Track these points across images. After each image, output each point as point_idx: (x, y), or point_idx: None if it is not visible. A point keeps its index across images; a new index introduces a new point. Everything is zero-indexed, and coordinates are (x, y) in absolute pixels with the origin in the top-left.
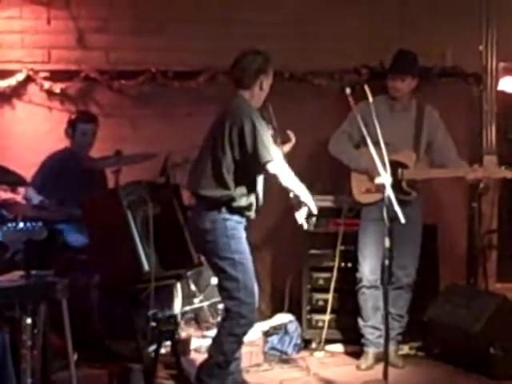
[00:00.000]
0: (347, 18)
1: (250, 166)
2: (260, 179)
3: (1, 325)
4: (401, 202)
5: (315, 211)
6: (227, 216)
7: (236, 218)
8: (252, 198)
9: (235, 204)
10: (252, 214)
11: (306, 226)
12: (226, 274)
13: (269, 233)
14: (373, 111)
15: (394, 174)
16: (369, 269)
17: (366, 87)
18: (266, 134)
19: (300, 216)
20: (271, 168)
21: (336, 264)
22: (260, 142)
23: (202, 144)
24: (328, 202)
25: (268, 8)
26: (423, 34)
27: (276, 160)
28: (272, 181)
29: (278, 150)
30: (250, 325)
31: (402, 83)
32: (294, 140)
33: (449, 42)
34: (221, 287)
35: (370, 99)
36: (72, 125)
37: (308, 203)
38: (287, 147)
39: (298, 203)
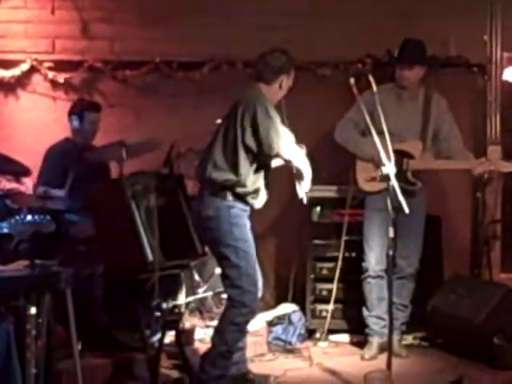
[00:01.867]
0: (351, 8)
1: (261, 152)
2: (269, 166)
3: (5, 314)
4: (406, 193)
5: (307, 189)
6: (231, 203)
7: (240, 205)
8: (259, 184)
9: (241, 190)
10: (257, 202)
11: (305, 201)
12: (228, 261)
13: (273, 223)
14: (377, 101)
15: (399, 163)
16: (375, 259)
17: (371, 77)
18: (278, 121)
19: (301, 189)
20: (285, 154)
21: (341, 254)
22: (273, 129)
23: (214, 133)
24: (332, 192)
25: None
26: (427, 24)
27: (287, 145)
28: (276, 171)
29: (289, 133)
30: (251, 314)
31: (409, 72)
32: (304, 151)
33: (453, 31)
34: (223, 275)
35: (375, 89)
36: (79, 114)
37: (306, 180)
38: None
39: (300, 177)
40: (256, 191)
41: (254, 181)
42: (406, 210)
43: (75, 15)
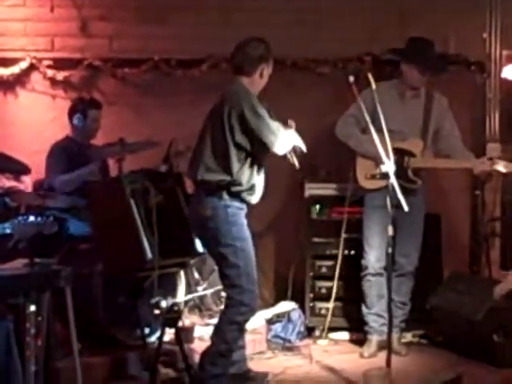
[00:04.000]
0: (349, 6)
1: (255, 150)
2: (263, 162)
3: (5, 313)
4: (406, 191)
5: (304, 149)
6: (228, 202)
7: (237, 204)
8: (254, 180)
9: (236, 188)
10: (253, 198)
11: (297, 165)
12: (227, 261)
13: (272, 221)
14: (376, 99)
15: (400, 162)
16: (375, 256)
17: (370, 75)
18: (266, 115)
19: (292, 157)
20: (278, 150)
21: (340, 252)
22: (264, 125)
23: (201, 132)
24: (331, 189)
25: None
26: (426, 22)
27: (280, 140)
28: (273, 169)
29: (278, 125)
30: (251, 312)
31: (423, 77)
32: (293, 128)
33: (452, 29)
34: (222, 275)
35: (374, 87)
36: (82, 112)
37: (300, 145)
38: None
39: (292, 148)
40: (251, 187)
41: (249, 178)
42: (406, 208)
43: (74, 13)
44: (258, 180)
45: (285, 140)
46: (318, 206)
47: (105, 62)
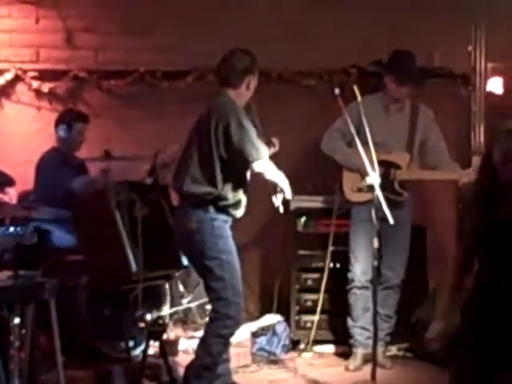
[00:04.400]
0: (335, 18)
1: (236, 164)
2: (247, 176)
3: None
4: (392, 203)
5: (290, 196)
6: (214, 216)
7: (223, 217)
8: (239, 195)
9: (222, 203)
10: (239, 212)
11: (281, 210)
12: (212, 274)
13: (258, 233)
14: (361, 111)
15: (386, 174)
16: (361, 269)
17: (355, 87)
18: (252, 131)
19: (277, 199)
20: (257, 167)
21: (327, 264)
22: (247, 140)
23: (186, 143)
24: (318, 202)
25: (256, 8)
26: (412, 35)
27: (262, 158)
28: (260, 181)
29: (263, 146)
30: (236, 325)
31: (406, 89)
32: (277, 148)
33: (437, 42)
34: (207, 288)
35: (359, 99)
36: (67, 123)
37: (285, 189)
38: (269, 152)
39: (275, 189)
40: (238, 202)
41: (235, 192)
42: (391, 221)
43: (59, 24)
44: (243, 194)
45: (266, 159)
46: (303, 219)
47: (90, 74)
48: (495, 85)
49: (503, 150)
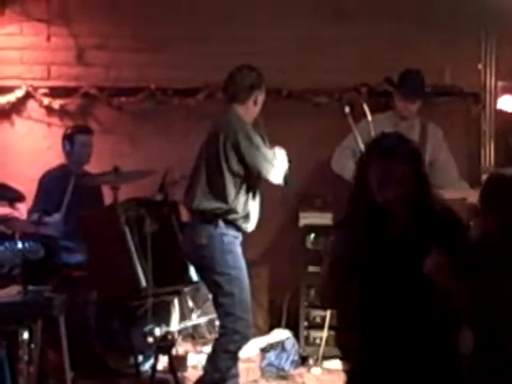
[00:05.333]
0: (345, 36)
1: (248, 179)
2: (257, 190)
3: None
4: None
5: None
6: (224, 231)
7: (233, 232)
8: (249, 207)
9: (232, 216)
10: (249, 226)
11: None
12: (221, 289)
13: (267, 249)
14: (372, 130)
15: None
16: None
17: (365, 106)
18: (261, 145)
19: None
20: (274, 179)
21: None
22: (259, 155)
23: (196, 160)
24: (326, 219)
25: (267, 25)
26: (422, 53)
27: (275, 169)
28: (269, 196)
29: (272, 154)
30: (244, 340)
31: (413, 105)
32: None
33: (447, 60)
34: (216, 303)
35: (369, 118)
36: (69, 138)
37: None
38: None
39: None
40: (247, 215)
41: (244, 205)
42: None
43: (71, 42)
44: (253, 207)
45: (280, 168)
46: (313, 235)
47: (101, 91)
48: (505, 103)
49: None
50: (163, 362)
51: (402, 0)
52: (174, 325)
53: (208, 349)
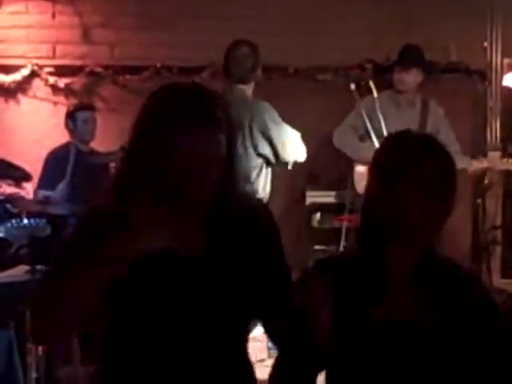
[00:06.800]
0: (351, 13)
1: (275, 158)
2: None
3: (6, 320)
4: None
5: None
6: None
7: None
8: (268, 188)
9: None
10: None
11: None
12: None
13: None
14: (377, 106)
15: None
16: None
17: (371, 83)
18: (287, 126)
19: None
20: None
21: None
22: (287, 137)
23: None
24: (333, 197)
25: (272, 4)
26: (427, 30)
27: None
28: (277, 177)
29: (296, 133)
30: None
31: (408, 75)
32: None
33: (453, 37)
34: None
35: (375, 95)
36: (71, 116)
37: None
38: None
39: None
40: (264, 197)
41: (264, 186)
42: None
43: (76, 20)
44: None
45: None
46: (318, 214)
47: (106, 69)
48: (511, 80)
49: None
50: None
51: None
52: None
53: None
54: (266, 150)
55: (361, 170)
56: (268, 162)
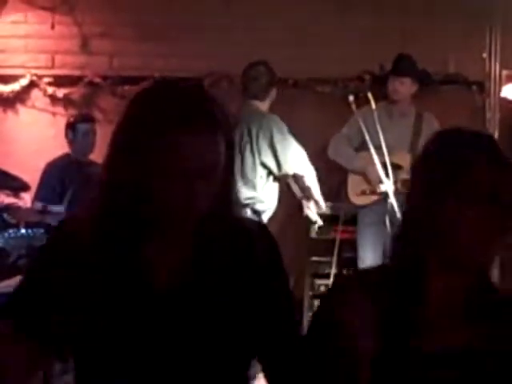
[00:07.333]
0: (349, 25)
1: (279, 170)
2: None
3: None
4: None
5: (324, 207)
6: None
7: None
8: (275, 199)
9: (260, 206)
10: (266, 217)
11: (320, 222)
12: None
13: None
14: (376, 118)
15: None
16: None
17: (370, 95)
18: (294, 140)
19: (312, 212)
20: (300, 172)
21: (332, 271)
22: (291, 149)
23: None
24: (332, 208)
25: (271, 15)
26: (426, 41)
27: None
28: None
29: (302, 150)
30: None
31: (401, 85)
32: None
33: (451, 49)
34: None
35: (373, 106)
36: (72, 127)
37: (319, 201)
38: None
39: (307, 198)
40: (271, 207)
41: (271, 196)
42: None
43: (75, 30)
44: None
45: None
46: (317, 225)
47: (105, 80)
48: (510, 91)
49: None
50: None
51: None
52: None
53: None
54: (270, 159)
55: (353, 178)
56: (271, 173)
